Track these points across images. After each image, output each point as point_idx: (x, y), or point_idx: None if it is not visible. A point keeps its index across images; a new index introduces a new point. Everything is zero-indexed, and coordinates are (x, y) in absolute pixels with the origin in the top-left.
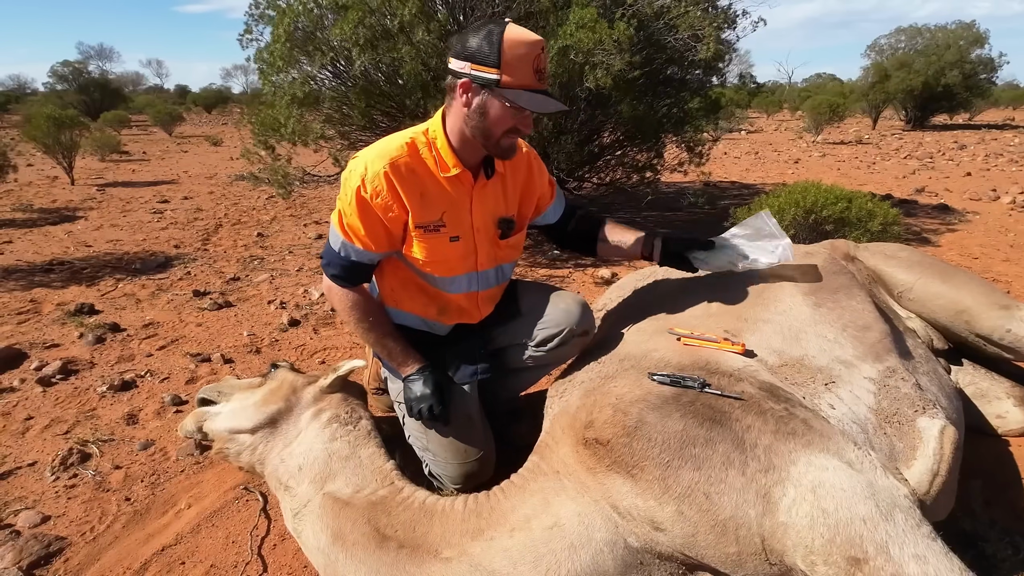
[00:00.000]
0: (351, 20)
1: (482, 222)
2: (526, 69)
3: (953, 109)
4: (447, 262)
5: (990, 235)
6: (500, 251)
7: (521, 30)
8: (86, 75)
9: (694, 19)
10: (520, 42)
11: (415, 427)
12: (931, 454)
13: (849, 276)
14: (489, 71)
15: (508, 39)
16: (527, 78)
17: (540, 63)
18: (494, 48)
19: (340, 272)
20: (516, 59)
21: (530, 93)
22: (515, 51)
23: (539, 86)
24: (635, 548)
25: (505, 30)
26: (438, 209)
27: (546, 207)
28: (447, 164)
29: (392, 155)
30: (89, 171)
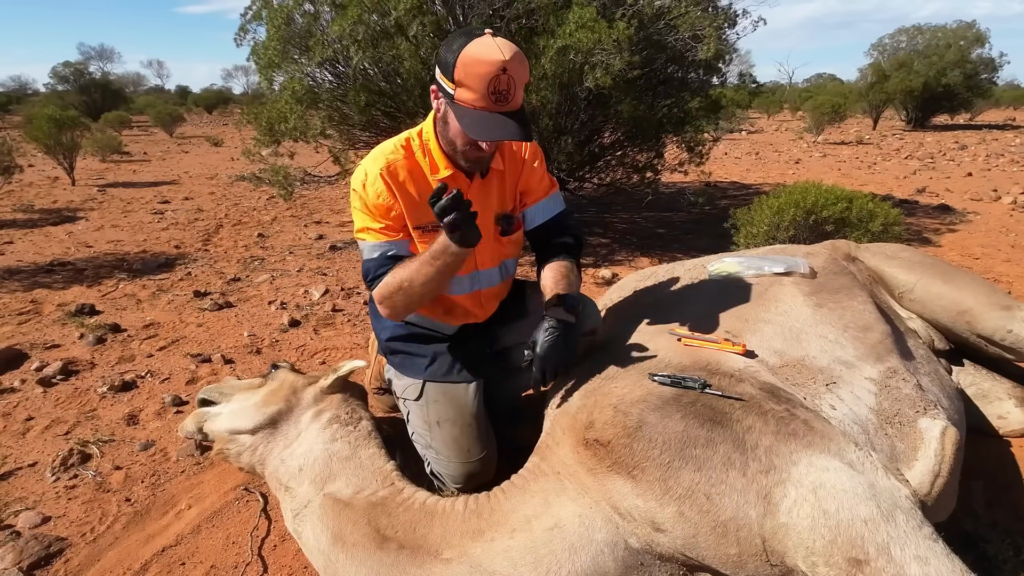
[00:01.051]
0: (349, 17)
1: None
2: (480, 89)
3: (954, 109)
4: None
5: (991, 235)
6: (503, 248)
7: (487, 45)
8: (87, 76)
9: (694, 19)
10: (478, 60)
11: (419, 424)
12: (932, 455)
13: (850, 276)
14: (447, 83)
15: (467, 54)
16: (480, 99)
17: (500, 84)
18: (453, 60)
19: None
20: (469, 77)
21: (481, 114)
22: (470, 68)
23: (494, 108)
24: (636, 549)
25: (470, 43)
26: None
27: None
28: (438, 166)
29: (387, 158)
30: (90, 172)
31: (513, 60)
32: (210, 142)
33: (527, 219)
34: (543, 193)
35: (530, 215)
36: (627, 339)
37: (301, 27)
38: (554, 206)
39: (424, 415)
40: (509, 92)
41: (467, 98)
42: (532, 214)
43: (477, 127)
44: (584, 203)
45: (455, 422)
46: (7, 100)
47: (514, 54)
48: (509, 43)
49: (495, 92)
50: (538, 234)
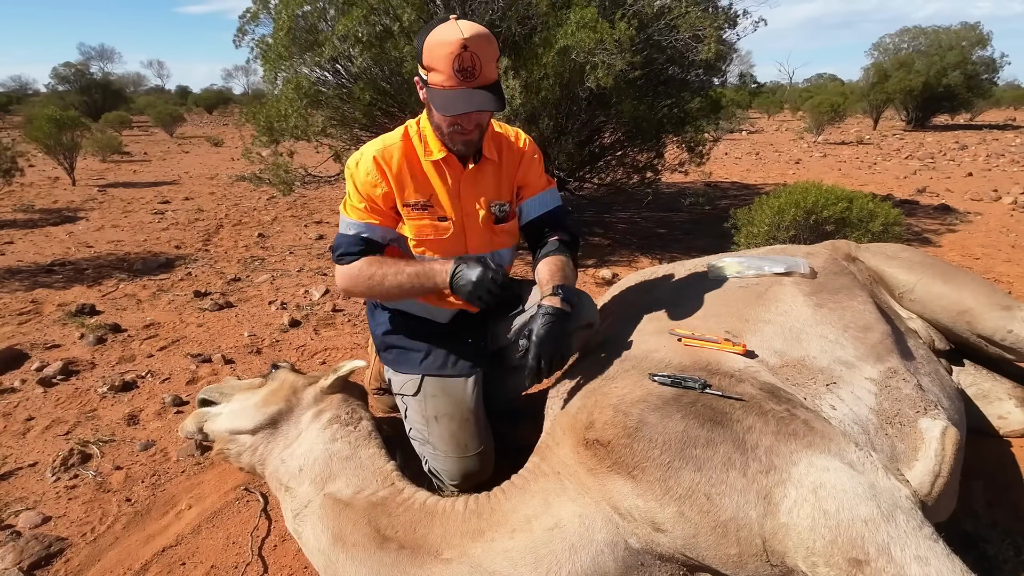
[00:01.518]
0: (354, 17)
1: (472, 206)
2: (445, 69)
3: (954, 109)
4: (437, 243)
5: (991, 235)
6: (496, 236)
7: (448, 28)
8: (87, 76)
9: (695, 19)
10: (439, 42)
11: (416, 420)
12: (933, 455)
13: (850, 277)
14: (422, 70)
15: (430, 39)
16: (448, 78)
17: (464, 61)
18: (421, 47)
19: (348, 249)
20: (435, 59)
21: (451, 92)
22: (434, 51)
23: (463, 85)
24: (636, 549)
25: (435, 28)
26: (426, 191)
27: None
28: (431, 149)
29: (385, 143)
30: (90, 172)
31: (473, 38)
32: (210, 142)
33: (523, 212)
34: (539, 188)
35: (526, 208)
36: (627, 339)
37: (306, 24)
38: (550, 201)
39: (422, 410)
40: (475, 68)
41: (437, 80)
42: (528, 207)
43: (447, 104)
44: (584, 203)
45: (453, 416)
46: (7, 100)
47: (475, 32)
48: (472, 24)
49: (460, 70)
50: (534, 228)
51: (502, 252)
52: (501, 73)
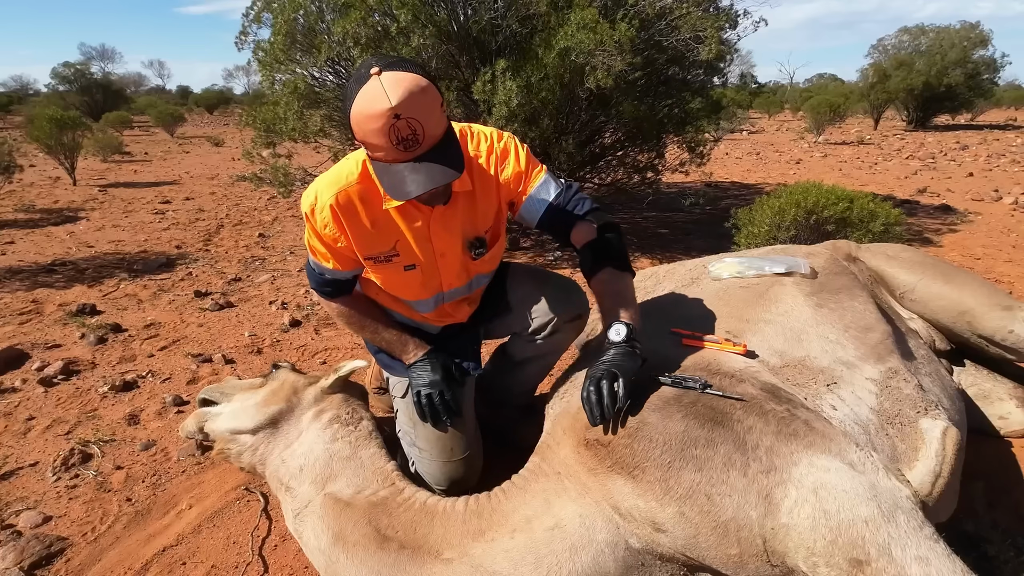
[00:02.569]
0: (353, 18)
1: (447, 246)
2: (383, 143)
3: (955, 109)
4: (406, 288)
5: (992, 236)
6: (473, 266)
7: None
8: (88, 76)
9: (696, 20)
10: (367, 115)
11: (404, 420)
12: (933, 455)
13: (851, 277)
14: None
15: (356, 113)
16: (388, 153)
17: (401, 131)
18: (348, 121)
19: (319, 286)
20: (368, 135)
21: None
22: (364, 126)
23: (406, 156)
24: (636, 549)
25: (356, 99)
26: (389, 238)
27: (518, 208)
28: None
29: (341, 185)
30: (91, 172)
31: (404, 100)
32: (211, 142)
33: (526, 219)
34: (529, 186)
35: (527, 213)
36: None
37: (305, 26)
38: (546, 194)
39: (409, 412)
40: (416, 134)
41: (378, 155)
42: (528, 211)
43: (396, 186)
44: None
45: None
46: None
47: (404, 92)
48: (399, 76)
49: (400, 141)
50: (547, 226)
51: (479, 277)
52: (499, 74)
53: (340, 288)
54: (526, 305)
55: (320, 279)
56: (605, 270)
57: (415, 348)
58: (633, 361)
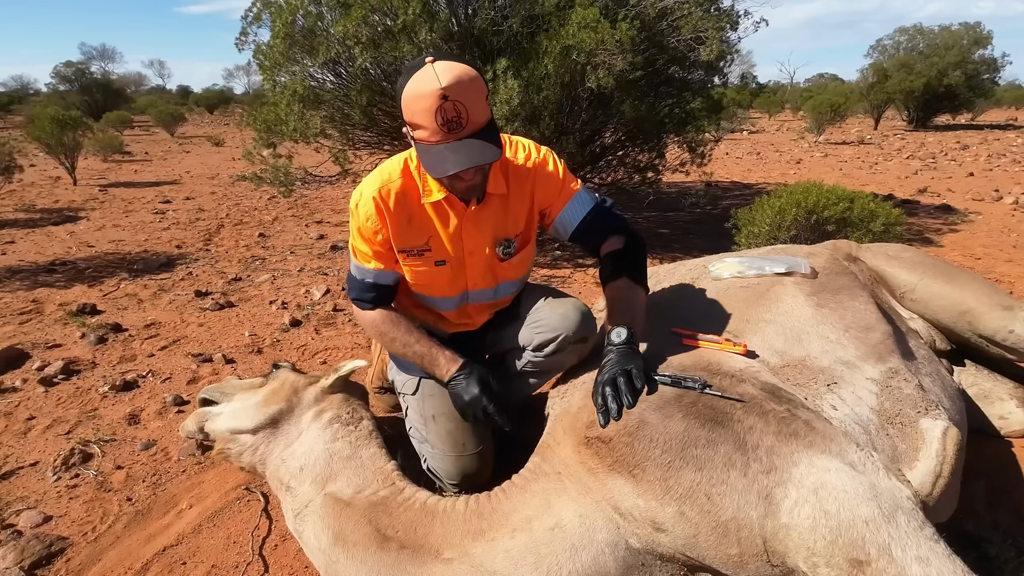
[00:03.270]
0: (354, 18)
1: (476, 245)
2: (429, 124)
3: (955, 109)
4: (434, 284)
5: (993, 236)
6: (500, 271)
7: (424, 77)
8: (89, 76)
9: (697, 20)
10: (417, 95)
11: (415, 419)
12: (934, 455)
13: (851, 277)
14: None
15: (406, 94)
16: (433, 133)
17: (447, 113)
18: (399, 102)
19: (360, 295)
20: (416, 114)
21: (439, 148)
22: (413, 106)
23: (450, 138)
24: (636, 549)
25: (409, 80)
26: (424, 233)
27: (552, 221)
28: (430, 188)
29: (383, 181)
30: (91, 171)
31: (453, 84)
32: (211, 142)
33: (560, 231)
34: (565, 199)
35: (560, 226)
36: None
37: (305, 27)
38: (581, 209)
39: (420, 409)
40: (460, 117)
41: (422, 136)
42: (562, 224)
43: (435, 164)
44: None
45: (450, 416)
46: (9, 100)
47: (454, 78)
48: (451, 64)
49: (445, 122)
50: (578, 239)
51: (506, 284)
52: (500, 73)
53: (381, 296)
54: (535, 320)
55: (361, 285)
56: (623, 279)
57: (447, 363)
58: (637, 359)
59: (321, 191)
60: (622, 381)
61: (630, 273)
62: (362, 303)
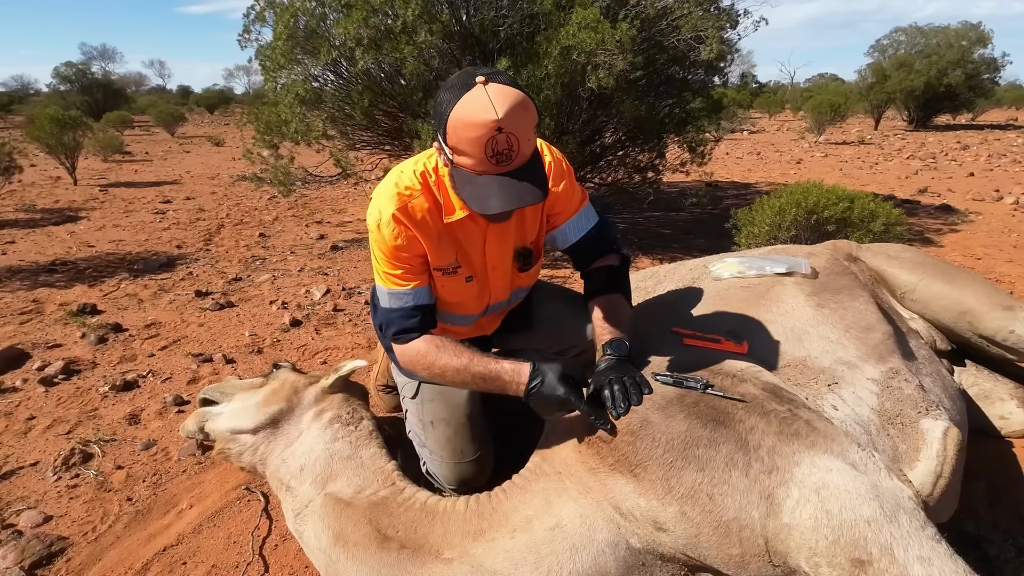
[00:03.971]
0: (355, 19)
1: (498, 259)
2: (477, 154)
3: (956, 109)
4: (463, 302)
5: (993, 236)
6: (517, 280)
7: (478, 103)
8: (89, 76)
9: (697, 20)
10: (467, 123)
11: (415, 423)
12: (934, 456)
13: (851, 277)
14: (445, 145)
15: (456, 117)
16: (479, 163)
17: (499, 145)
18: (443, 123)
19: (403, 326)
20: (464, 142)
21: (484, 179)
22: (461, 133)
23: (496, 170)
24: (637, 549)
25: (460, 101)
26: (452, 251)
27: (553, 229)
28: (453, 206)
29: (405, 196)
30: (92, 171)
31: (509, 115)
32: (212, 142)
33: (559, 240)
34: (573, 210)
35: (561, 236)
36: None
37: (306, 27)
38: (586, 222)
39: (419, 414)
40: (512, 150)
41: (466, 163)
42: (563, 234)
43: (478, 199)
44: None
45: (448, 422)
46: (9, 100)
47: (510, 107)
48: (505, 90)
49: (495, 155)
50: (574, 252)
51: (519, 292)
52: None
53: (425, 318)
54: (552, 324)
55: (402, 313)
56: (617, 295)
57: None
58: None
59: (321, 191)
60: (627, 381)
61: (624, 290)
62: (407, 335)
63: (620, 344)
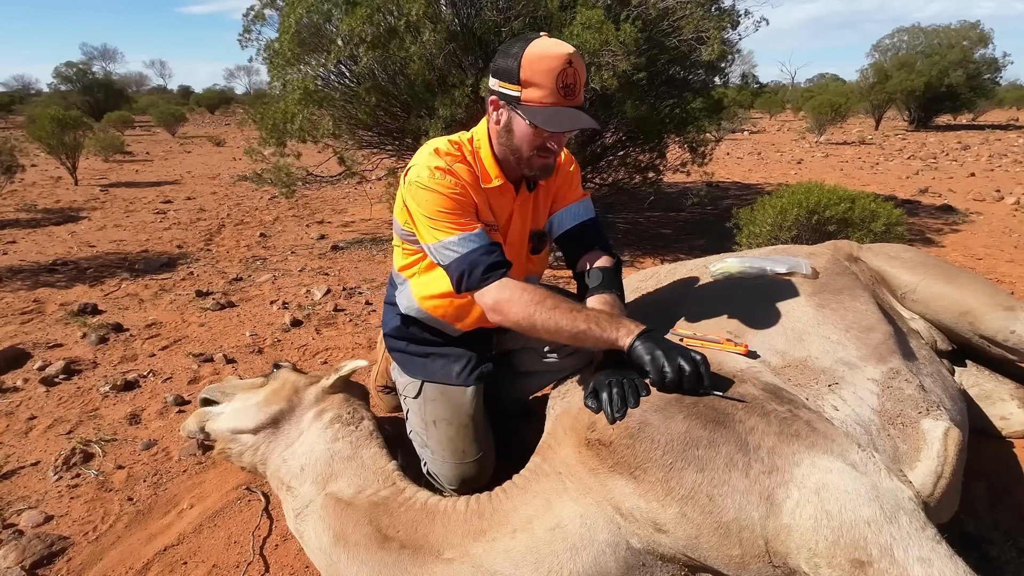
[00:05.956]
0: (359, 16)
1: (518, 237)
2: (548, 84)
3: (956, 109)
4: None
5: (994, 236)
6: (531, 265)
7: (549, 42)
8: (90, 76)
9: (698, 20)
10: (543, 56)
11: (416, 423)
12: (935, 456)
13: (852, 277)
14: (511, 87)
15: (530, 53)
16: (549, 94)
17: (568, 77)
18: (516, 63)
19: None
20: (536, 74)
21: (552, 109)
22: (536, 65)
23: (564, 102)
24: (637, 550)
25: (531, 44)
26: (488, 215)
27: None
28: (489, 175)
29: (444, 155)
30: (93, 171)
31: (575, 55)
32: (212, 142)
33: (555, 224)
34: (574, 198)
35: (558, 220)
36: None
37: (313, 23)
38: (583, 212)
39: (421, 413)
40: (576, 85)
41: (536, 96)
42: (560, 218)
43: (553, 120)
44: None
45: (451, 422)
46: (10, 100)
47: (574, 51)
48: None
49: (564, 86)
50: (567, 240)
51: (532, 279)
52: None
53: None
54: None
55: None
56: (614, 294)
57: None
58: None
59: (322, 191)
60: (626, 384)
61: (619, 291)
62: (499, 269)
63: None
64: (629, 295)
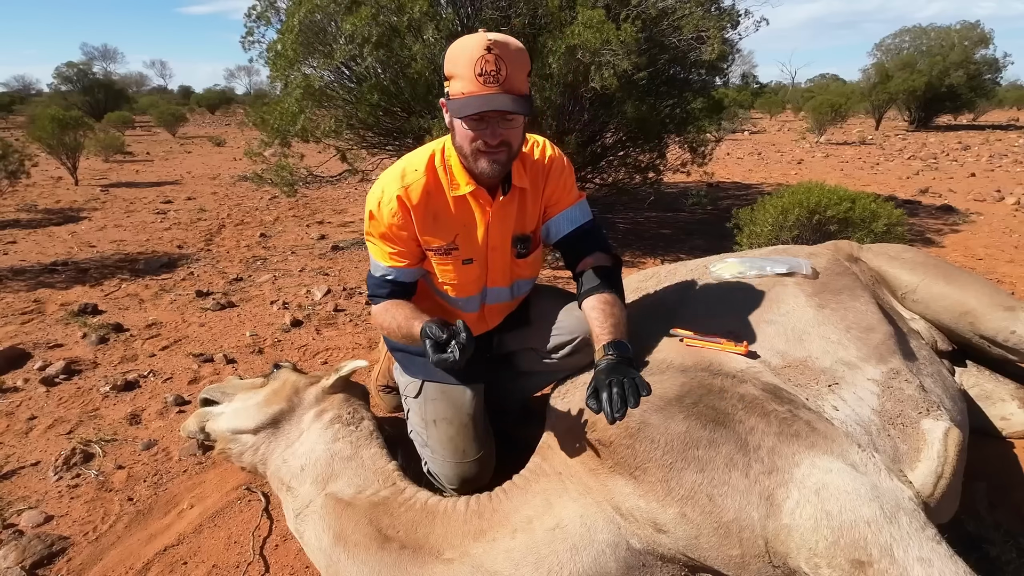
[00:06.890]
0: (363, 16)
1: (498, 241)
2: (467, 73)
3: (957, 110)
4: (461, 284)
5: (994, 236)
6: (519, 269)
7: (474, 36)
8: (90, 76)
9: (698, 20)
10: (463, 47)
11: (417, 422)
12: (935, 456)
13: (852, 277)
14: (446, 85)
15: (453, 47)
16: (469, 83)
17: (487, 65)
18: (444, 58)
19: (375, 291)
20: (457, 66)
21: (470, 98)
22: (457, 58)
23: (484, 90)
24: (637, 550)
25: (457, 40)
26: (451, 231)
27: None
28: (458, 182)
29: (408, 179)
30: (93, 172)
31: (501, 42)
32: (213, 142)
33: (552, 230)
34: (568, 203)
35: (555, 226)
36: None
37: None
38: (579, 216)
39: (422, 413)
40: (498, 72)
41: (457, 88)
42: (557, 224)
43: (461, 108)
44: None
45: (451, 422)
46: (11, 100)
47: (503, 39)
48: (504, 35)
49: (482, 73)
50: (565, 245)
51: (521, 283)
52: None
53: (394, 292)
54: (548, 322)
55: (377, 282)
56: (613, 294)
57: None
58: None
59: (322, 191)
60: (626, 383)
61: (619, 291)
62: (376, 299)
63: (621, 345)
64: (630, 295)
